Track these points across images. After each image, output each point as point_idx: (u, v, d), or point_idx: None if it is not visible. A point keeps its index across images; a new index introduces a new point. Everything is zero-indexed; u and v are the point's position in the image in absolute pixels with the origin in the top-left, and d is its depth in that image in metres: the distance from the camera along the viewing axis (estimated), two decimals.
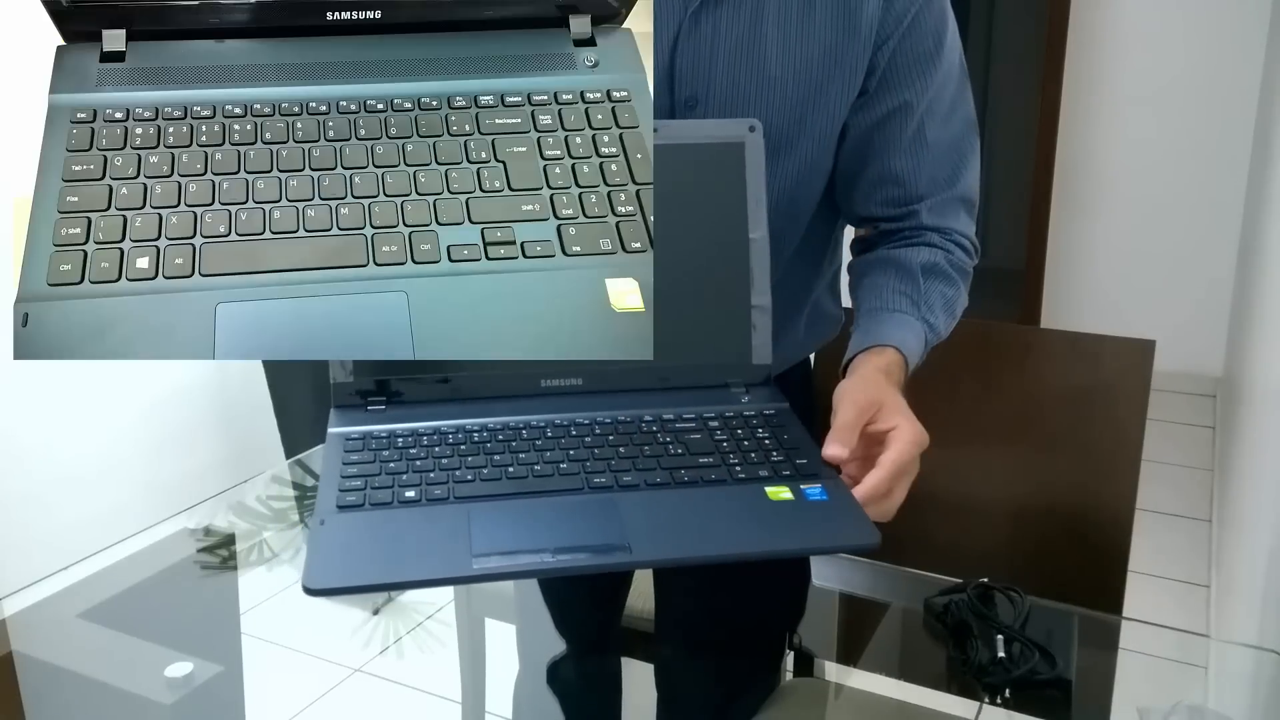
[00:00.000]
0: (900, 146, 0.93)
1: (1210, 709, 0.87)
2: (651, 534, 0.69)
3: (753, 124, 0.84)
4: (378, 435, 0.80)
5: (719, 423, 0.81)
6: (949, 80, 0.94)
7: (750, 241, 0.84)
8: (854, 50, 0.89)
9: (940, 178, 0.95)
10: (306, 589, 0.64)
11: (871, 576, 1.11)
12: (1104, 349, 1.24)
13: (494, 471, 0.75)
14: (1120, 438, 1.20)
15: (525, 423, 0.81)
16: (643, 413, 0.82)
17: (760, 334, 0.85)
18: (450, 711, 1.31)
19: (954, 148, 0.96)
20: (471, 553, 0.66)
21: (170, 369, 2.61)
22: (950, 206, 0.97)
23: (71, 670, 1.00)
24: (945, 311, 0.94)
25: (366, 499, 0.72)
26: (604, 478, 0.74)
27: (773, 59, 0.88)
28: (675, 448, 0.77)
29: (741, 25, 0.88)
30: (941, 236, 0.96)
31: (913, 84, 0.91)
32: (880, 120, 0.93)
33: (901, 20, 0.89)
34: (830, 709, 1.04)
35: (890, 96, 0.92)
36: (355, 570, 0.66)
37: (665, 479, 0.74)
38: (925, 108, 0.93)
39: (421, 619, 1.32)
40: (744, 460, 0.76)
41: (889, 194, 0.95)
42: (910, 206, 0.95)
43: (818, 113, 0.91)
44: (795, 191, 0.94)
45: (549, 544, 0.67)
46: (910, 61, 0.91)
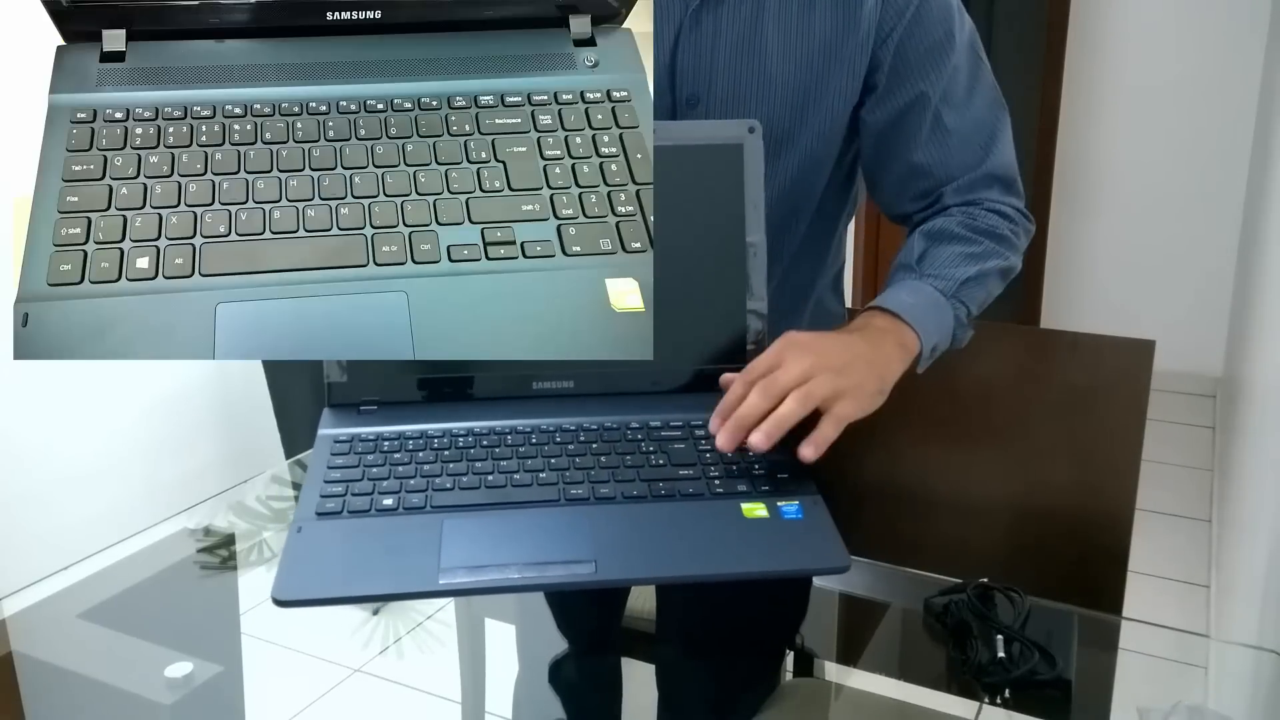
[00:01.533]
0: (921, 139, 0.92)
1: (1210, 709, 0.87)
2: (619, 552, 0.69)
3: (752, 125, 0.84)
4: (365, 438, 0.80)
5: (706, 432, 0.80)
6: (961, 66, 0.93)
7: (747, 245, 0.84)
8: (853, 46, 0.89)
9: (968, 160, 0.93)
10: (275, 600, 0.65)
11: (871, 576, 1.11)
12: (1104, 349, 1.24)
13: (473, 480, 0.75)
14: (1120, 438, 1.20)
15: (512, 428, 0.81)
16: (630, 419, 0.82)
17: (755, 338, 0.85)
18: (450, 711, 1.31)
19: (977, 130, 0.94)
20: (439, 567, 0.67)
21: (170, 369, 2.60)
22: (979, 186, 0.94)
23: (71, 670, 1.00)
24: (963, 262, 0.89)
25: (345, 506, 0.72)
26: (581, 489, 0.74)
27: (773, 57, 0.88)
28: (658, 458, 0.78)
29: (742, 23, 0.88)
30: (961, 207, 0.93)
31: (925, 75, 0.91)
32: (898, 115, 0.92)
33: (903, 14, 0.89)
34: (830, 709, 1.04)
35: (904, 90, 0.91)
36: (323, 582, 0.67)
37: (642, 491, 0.74)
38: (941, 96, 0.92)
39: (421, 619, 1.32)
40: (724, 473, 0.76)
41: (918, 187, 0.94)
42: (939, 191, 0.94)
43: (818, 109, 0.91)
44: (796, 188, 0.94)
45: (516, 559, 0.68)
46: (920, 54, 0.90)
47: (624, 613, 1.18)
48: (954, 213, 0.93)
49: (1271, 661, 1.03)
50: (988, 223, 0.92)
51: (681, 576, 0.69)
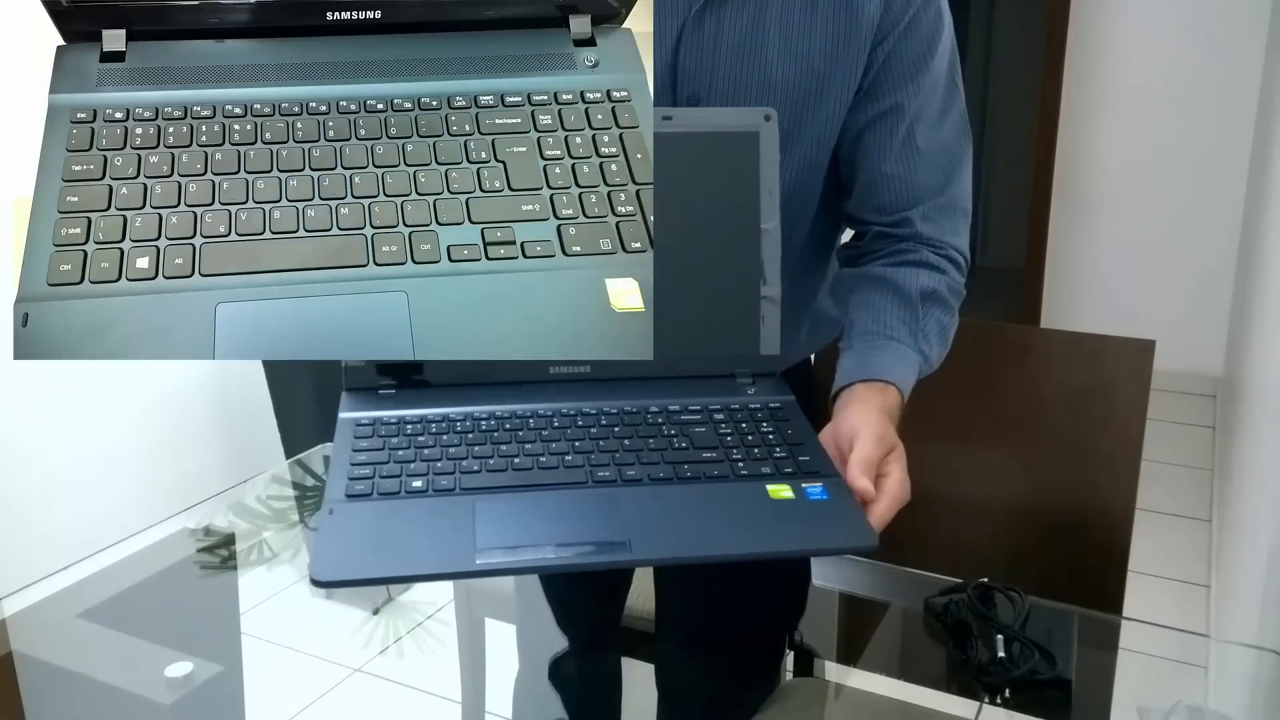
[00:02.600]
0: (891, 150, 0.93)
1: (1210, 709, 0.87)
2: (651, 532, 0.69)
3: (768, 113, 0.84)
4: (387, 421, 0.80)
5: (724, 415, 0.81)
6: (938, 87, 0.94)
7: (762, 232, 0.84)
8: (854, 49, 0.89)
9: (932, 184, 0.95)
10: (315, 581, 0.65)
11: (871, 576, 1.11)
12: (1104, 349, 1.24)
13: (500, 462, 0.75)
14: (1120, 438, 1.20)
15: (533, 411, 0.81)
16: (649, 403, 0.82)
17: (769, 325, 0.85)
18: (450, 711, 1.31)
19: (945, 153, 0.95)
20: (475, 547, 0.67)
21: (170, 369, 2.60)
22: (944, 214, 0.96)
23: (71, 670, 1.00)
24: (940, 341, 0.94)
25: (375, 488, 0.73)
26: (608, 471, 0.74)
27: (774, 58, 0.88)
28: (680, 441, 0.78)
29: (745, 24, 0.88)
30: (936, 254, 0.95)
31: (904, 87, 0.92)
32: (871, 122, 0.93)
33: (899, 21, 0.89)
34: (830, 709, 1.04)
35: (882, 98, 0.92)
36: (361, 563, 0.66)
37: (668, 474, 0.74)
38: (915, 112, 0.93)
39: (421, 619, 1.32)
40: (747, 456, 0.76)
41: (881, 199, 0.95)
42: (904, 213, 0.95)
43: (818, 113, 0.91)
44: (796, 193, 0.94)
45: (551, 540, 0.68)
46: (904, 64, 0.91)
47: (624, 612, 1.18)
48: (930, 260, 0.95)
49: (1271, 661, 1.03)
50: (956, 284, 0.96)
51: (716, 556, 0.69)
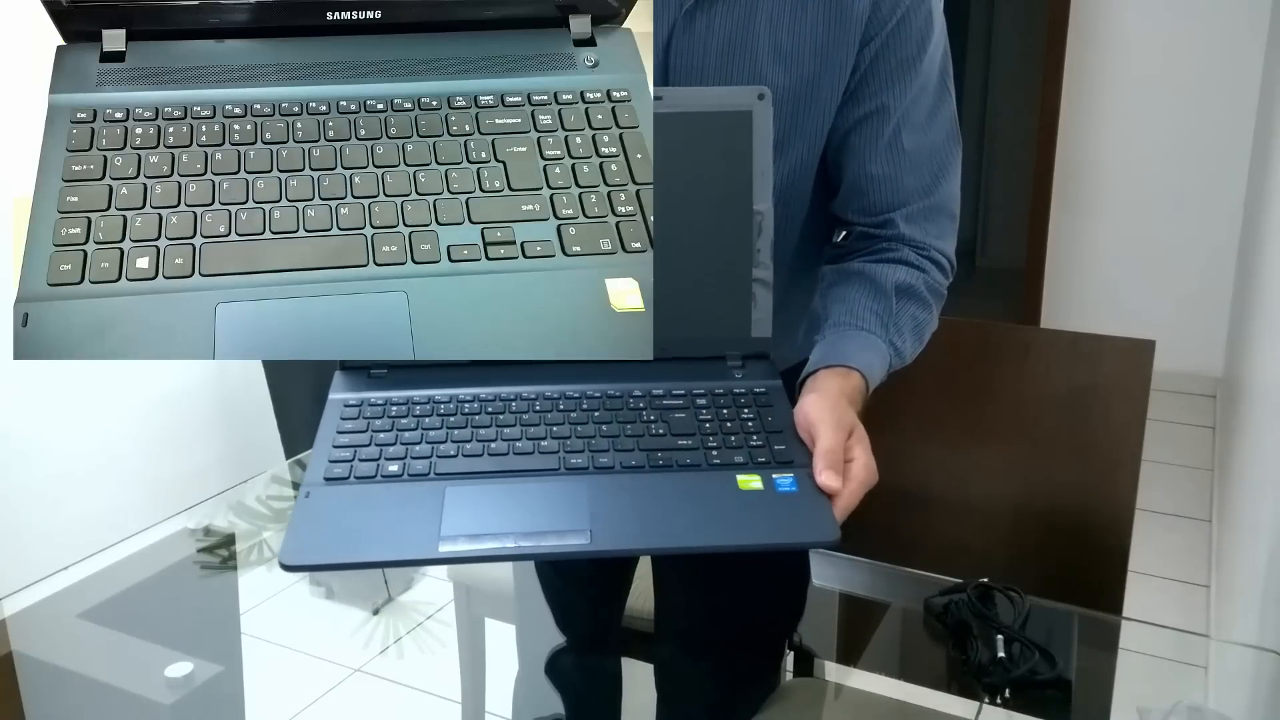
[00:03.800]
0: (877, 151, 0.93)
1: (1210, 709, 0.87)
2: (613, 522, 0.70)
3: (762, 92, 0.83)
4: (374, 403, 0.80)
5: (707, 400, 0.81)
6: (926, 89, 0.93)
7: (755, 213, 0.84)
8: (843, 48, 0.89)
9: (918, 186, 0.94)
10: (283, 565, 0.66)
11: (871, 576, 1.11)
12: (1104, 349, 1.24)
13: (476, 447, 0.76)
14: (1120, 438, 1.20)
15: (517, 394, 0.81)
16: (633, 387, 0.82)
17: (760, 307, 0.84)
18: (450, 711, 1.31)
19: (932, 156, 0.95)
20: (440, 535, 0.68)
21: (170, 369, 2.61)
22: (929, 216, 0.95)
23: (71, 670, 1.00)
24: (914, 335, 0.93)
25: (352, 471, 0.73)
26: (580, 458, 0.75)
27: (764, 57, 0.88)
28: (657, 427, 0.78)
29: (734, 24, 0.88)
30: (918, 253, 0.94)
31: (892, 88, 0.91)
32: (857, 123, 0.93)
33: (888, 21, 0.89)
34: (830, 709, 1.04)
35: (869, 99, 0.92)
36: (327, 548, 0.67)
37: (640, 461, 0.75)
38: (902, 114, 0.92)
39: (421, 619, 1.32)
40: (723, 444, 0.77)
41: (866, 200, 0.95)
42: (887, 215, 0.94)
43: (809, 113, 0.91)
44: (788, 193, 0.94)
45: (514, 528, 0.69)
46: (892, 65, 0.91)
47: (624, 612, 1.18)
48: (910, 258, 0.94)
49: (1271, 661, 1.03)
50: (936, 282, 0.95)
51: (676, 548, 0.70)
